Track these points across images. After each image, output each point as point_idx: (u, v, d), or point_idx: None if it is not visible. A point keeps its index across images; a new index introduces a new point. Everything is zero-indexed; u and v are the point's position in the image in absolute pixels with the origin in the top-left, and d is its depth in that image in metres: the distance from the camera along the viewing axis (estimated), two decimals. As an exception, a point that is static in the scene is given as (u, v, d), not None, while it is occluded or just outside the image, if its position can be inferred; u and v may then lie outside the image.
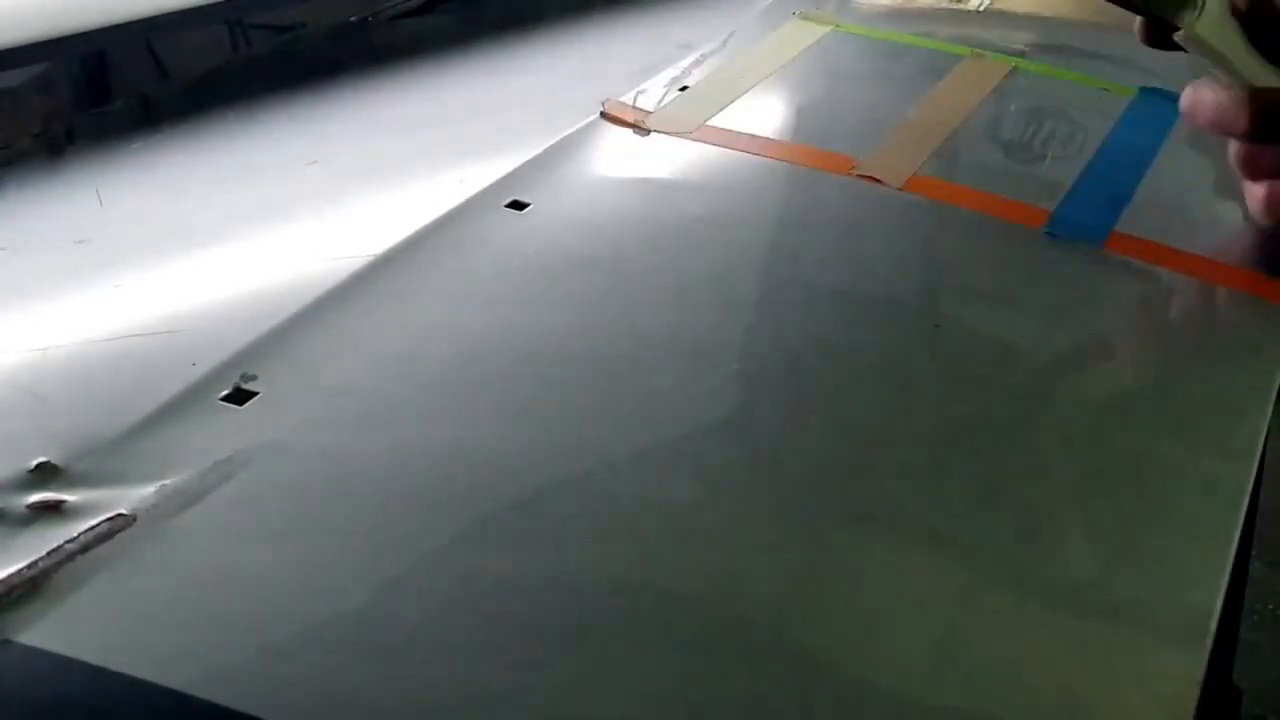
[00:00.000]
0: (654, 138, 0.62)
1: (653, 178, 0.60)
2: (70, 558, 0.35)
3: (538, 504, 0.40)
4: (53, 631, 0.33)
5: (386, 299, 0.48)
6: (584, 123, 0.63)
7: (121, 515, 0.37)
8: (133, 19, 0.68)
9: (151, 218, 0.57)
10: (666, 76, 0.68)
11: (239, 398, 0.42)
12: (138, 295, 0.49)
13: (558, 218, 0.55)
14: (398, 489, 0.40)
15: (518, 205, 0.55)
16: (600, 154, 0.61)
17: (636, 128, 0.63)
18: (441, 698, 0.33)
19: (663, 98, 0.65)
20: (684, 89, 0.67)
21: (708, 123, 0.63)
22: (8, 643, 0.33)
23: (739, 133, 0.62)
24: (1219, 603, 0.38)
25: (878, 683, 0.35)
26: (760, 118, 0.65)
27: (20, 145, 0.62)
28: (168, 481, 0.38)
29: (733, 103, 0.65)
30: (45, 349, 0.45)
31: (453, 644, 0.35)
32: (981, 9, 0.81)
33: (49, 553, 0.35)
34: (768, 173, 0.61)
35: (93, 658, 0.33)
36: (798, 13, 0.76)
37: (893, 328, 0.51)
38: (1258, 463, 0.44)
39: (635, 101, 0.65)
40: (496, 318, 0.49)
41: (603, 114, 0.64)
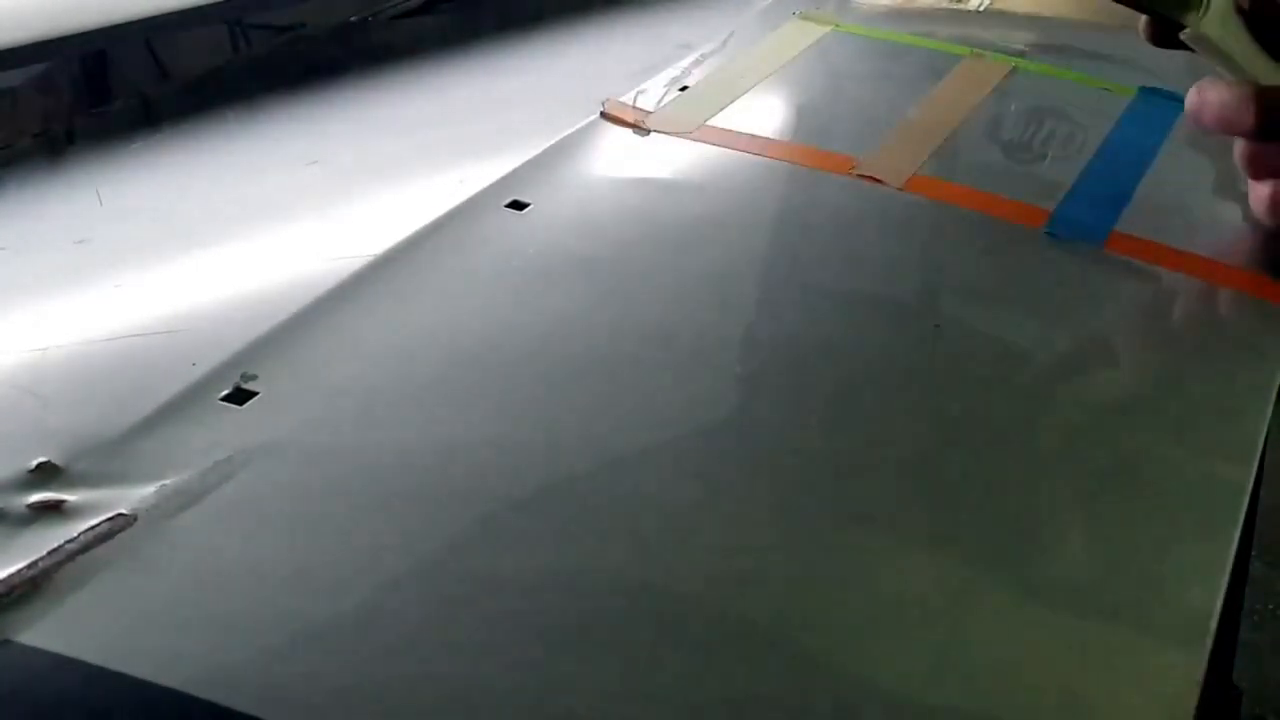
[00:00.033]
0: (654, 138, 0.62)
1: (653, 178, 0.60)
2: (70, 558, 0.35)
3: (538, 504, 0.40)
4: (53, 631, 0.33)
5: (386, 299, 0.48)
6: (584, 123, 0.63)
7: (121, 515, 0.37)
8: (133, 19, 0.68)
9: (151, 218, 0.57)
10: (666, 76, 0.68)
11: (239, 398, 0.42)
12: (138, 295, 0.49)
13: (558, 218, 0.55)
14: (398, 489, 0.40)
15: (518, 205, 0.55)
16: (600, 154, 0.61)
17: (636, 128, 0.63)
18: (441, 698, 0.33)
19: (663, 98, 0.65)
20: (684, 89, 0.67)
21: (708, 123, 0.63)
22: (8, 643, 0.33)
23: (739, 133, 0.62)
24: (1219, 603, 0.38)
25: (878, 683, 0.35)
26: (760, 118, 0.65)
27: (20, 145, 0.62)
28: (168, 481, 0.38)
29: (733, 103, 0.65)
30: (45, 349, 0.45)
31: (453, 644, 0.35)
32: (981, 9, 0.81)
33: (49, 553, 0.35)
34: (768, 173, 0.61)
35: (93, 658, 0.33)
36: (798, 13, 0.76)
37: (893, 328, 0.51)
38: (1258, 463, 0.44)
39: (635, 101, 0.64)
40: (496, 318, 0.49)
41: (603, 114, 0.64)
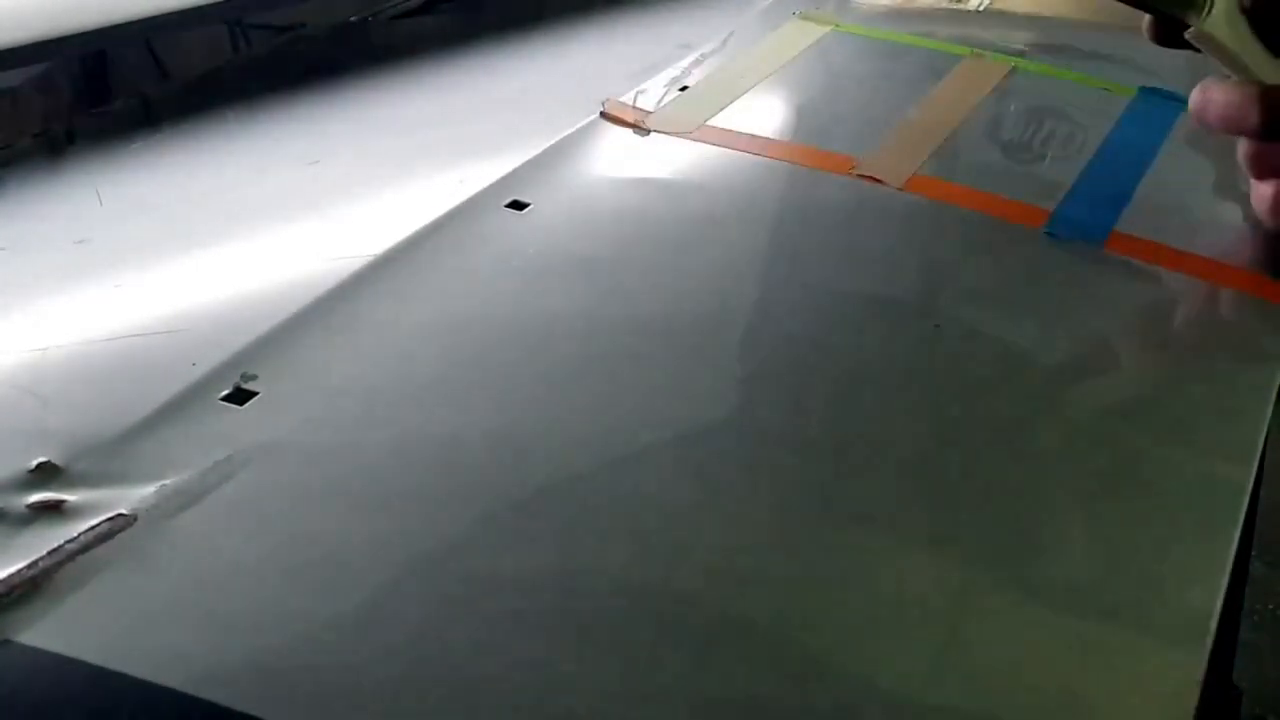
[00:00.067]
0: (654, 138, 0.62)
1: (653, 178, 0.60)
2: (70, 558, 0.35)
3: (538, 503, 0.40)
4: (53, 631, 0.33)
5: (386, 299, 0.48)
6: (584, 123, 0.63)
7: (121, 515, 0.37)
8: (133, 19, 0.68)
9: (151, 218, 0.57)
10: (666, 76, 0.68)
11: (239, 398, 0.42)
12: (138, 295, 0.49)
13: (558, 218, 0.55)
14: (398, 489, 0.40)
15: (518, 205, 0.55)
16: (600, 154, 0.61)
17: (636, 128, 0.63)
18: (441, 698, 0.33)
19: (663, 98, 0.65)
20: (684, 89, 0.67)
21: (708, 123, 0.63)
22: (8, 643, 0.33)
23: (739, 133, 0.62)
24: (1219, 603, 0.38)
25: (878, 683, 0.35)
26: (760, 118, 0.65)
27: (20, 145, 0.62)
28: (168, 481, 0.39)
29: (733, 103, 0.65)
30: (45, 349, 0.45)
31: (453, 644, 0.35)
32: (981, 9, 0.81)
33: (49, 553, 0.35)
34: (768, 173, 0.61)
35: (93, 658, 0.33)
36: (797, 13, 0.76)
37: (893, 328, 0.51)
38: (1258, 463, 0.44)
39: (635, 101, 0.64)
40: (496, 318, 0.49)
41: (603, 114, 0.64)
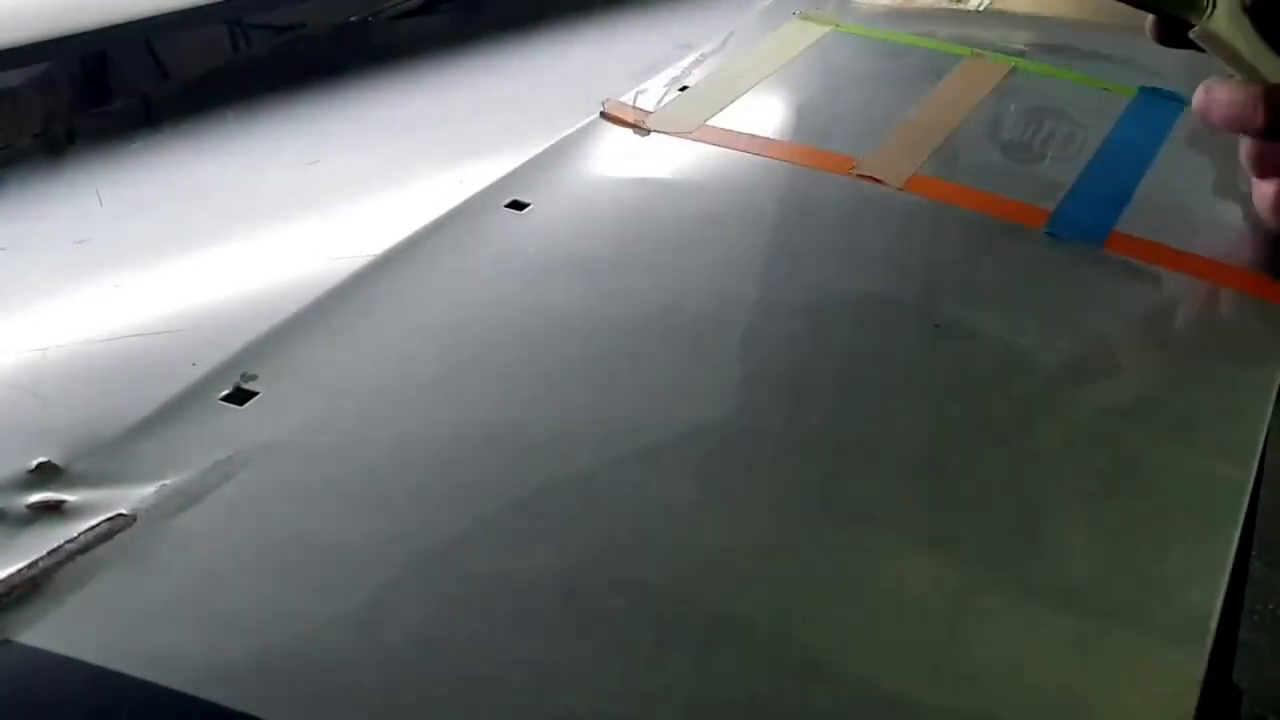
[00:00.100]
0: (654, 138, 0.62)
1: (653, 178, 0.60)
2: (70, 558, 0.35)
3: (538, 503, 0.40)
4: (53, 631, 0.33)
5: (386, 299, 0.48)
6: (584, 123, 0.63)
7: (121, 515, 0.37)
8: (133, 19, 0.68)
9: (151, 218, 0.57)
10: (666, 76, 0.68)
11: (239, 398, 0.42)
12: (138, 295, 0.49)
13: (558, 218, 0.55)
14: (398, 489, 0.40)
15: (518, 205, 0.55)
16: (600, 154, 0.61)
17: (636, 128, 0.63)
18: (441, 698, 0.33)
19: (663, 98, 0.65)
20: (684, 89, 0.67)
21: (708, 123, 0.63)
22: (8, 643, 0.33)
23: (739, 133, 0.62)
24: (1219, 603, 0.38)
25: (878, 683, 0.35)
26: (760, 118, 0.65)
27: (20, 145, 0.62)
28: (168, 481, 0.38)
29: (733, 103, 0.65)
30: (45, 349, 0.45)
31: (453, 644, 0.35)
32: (981, 9, 0.81)
33: (49, 553, 0.35)
34: (768, 173, 0.61)
35: (93, 658, 0.33)
36: (797, 13, 0.76)
37: (893, 328, 0.51)
38: (1258, 463, 0.44)
39: (635, 101, 0.64)
40: (496, 318, 0.49)
41: (603, 114, 0.64)
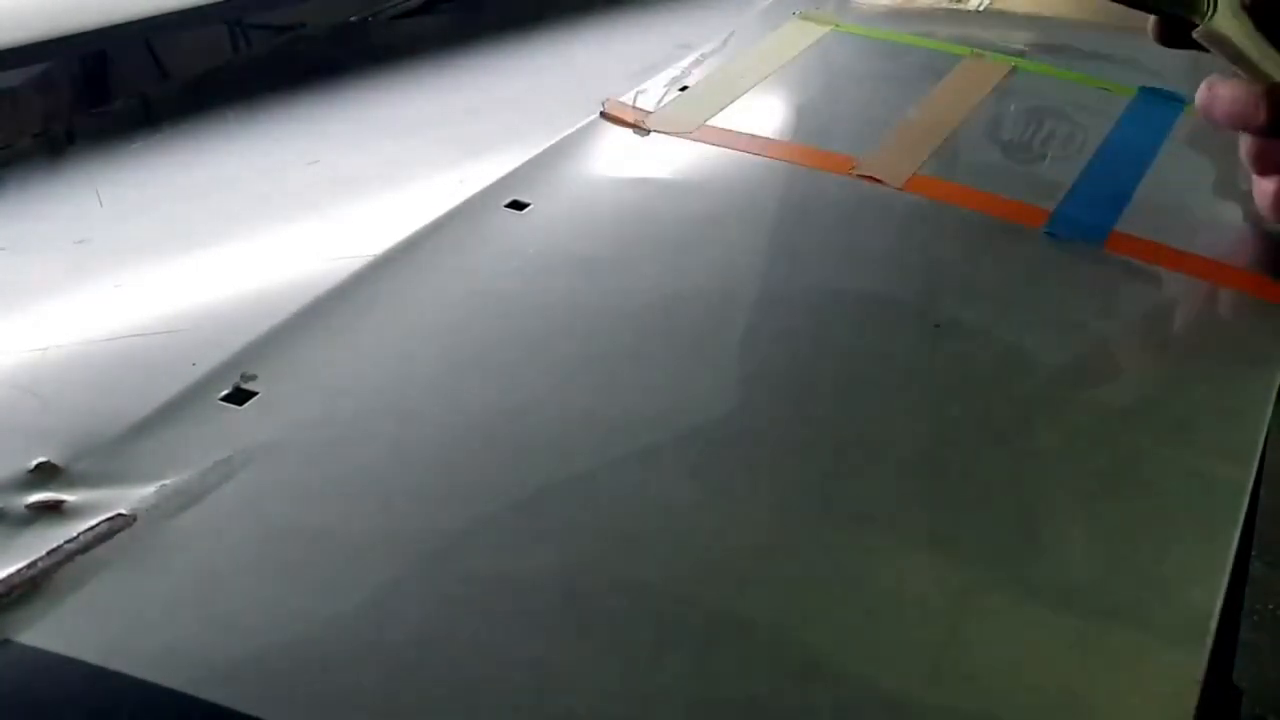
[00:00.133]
0: (654, 138, 0.62)
1: (653, 178, 0.60)
2: (70, 558, 0.35)
3: (538, 503, 0.40)
4: (53, 631, 0.33)
5: (386, 299, 0.48)
6: (584, 123, 0.63)
7: (121, 515, 0.37)
8: (133, 19, 0.68)
9: (151, 218, 0.57)
10: (666, 76, 0.68)
11: (239, 398, 0.42)
12: (138, 295, 0.49)
13: (558, 218, 0.55)
14: (397, 489, 0.40)
15: (518, 205, 0.55)
16: (600, 154, 0.61)
17: (636, 128, 0.63)
18: (441, 697, 0.33)
19: (663, 98, 0.65)
20: (684, 89, 0.67)
21: (708, 123, 0.63)
22: (8, 643, 0.33)
23: (739, 133, 0.62)
24: (1219, 603, 0.38)
25: (878, 683, 0.35)
26: (760, 118, 0.65)
27: (20, 145, 0.62)
28: (168, 481, 0.39)
29: (733, 103, 0.65)
30: (45, 349, 0.45)
31: (453, 643, 0.35)
32: (981, 9, 0.81)
33: (49, 553, 0.35)
34: (768, 173, 0.61)
35: (93, 658, 0.33)
36: (798, 13, 0.76)
37: (893, 328, 0.51)
38: (1258, 463, 0.44)
39: (635, 101, 0.64)
40: (496, 318, 0.49)
41: (603, 114, 0.64)
